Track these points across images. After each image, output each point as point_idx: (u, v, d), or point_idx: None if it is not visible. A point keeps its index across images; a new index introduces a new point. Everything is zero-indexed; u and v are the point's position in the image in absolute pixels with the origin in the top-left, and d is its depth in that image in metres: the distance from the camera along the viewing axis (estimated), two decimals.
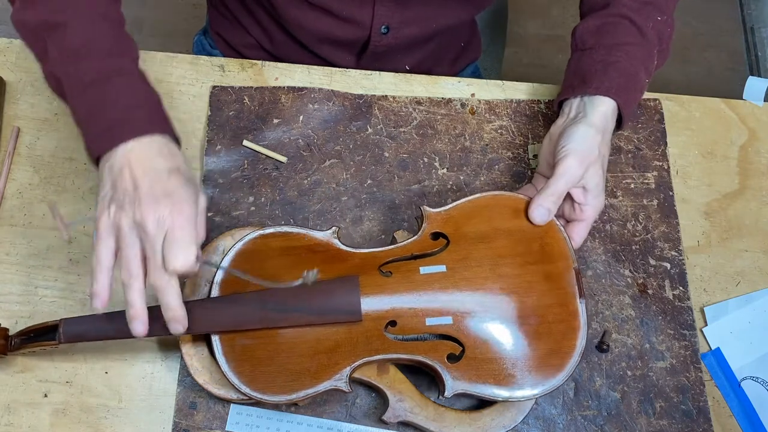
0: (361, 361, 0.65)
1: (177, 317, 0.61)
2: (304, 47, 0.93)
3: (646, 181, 0.84)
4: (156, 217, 0.59)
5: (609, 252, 0.80)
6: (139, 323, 0.61)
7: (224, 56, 1.05)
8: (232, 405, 0.71)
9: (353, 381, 0.68)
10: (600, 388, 0.75)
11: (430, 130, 0.85)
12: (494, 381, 0.65)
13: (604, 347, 0.75)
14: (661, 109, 0.89)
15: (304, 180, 0.81)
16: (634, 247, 0.81)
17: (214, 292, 0.67)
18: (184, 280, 0.70)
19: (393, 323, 0.66)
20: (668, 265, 0.80)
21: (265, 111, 0.84)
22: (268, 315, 0.65)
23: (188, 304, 0.62)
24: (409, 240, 0.70)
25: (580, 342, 0.66)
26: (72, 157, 0.81)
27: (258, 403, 0.71)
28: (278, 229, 0.70)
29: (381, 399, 0.72)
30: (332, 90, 0.86)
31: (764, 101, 0.91)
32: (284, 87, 0.85)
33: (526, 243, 0.69)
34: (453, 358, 0.66)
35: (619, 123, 0.75)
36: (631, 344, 0.77)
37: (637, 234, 0.81)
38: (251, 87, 0.85)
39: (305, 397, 0.64)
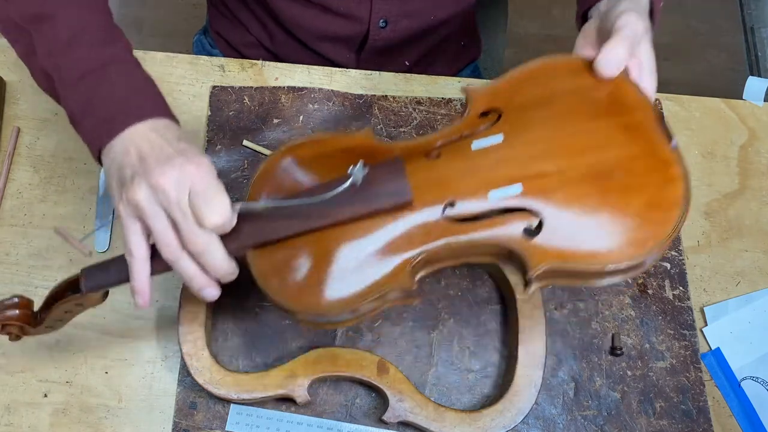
0: (419, 251, 0.57)
1: (228, 273, 0.56)
2: (304, 45, 0.93)
3: None
4: (173, 177, 0.54)
5: None
6: (213, 290, 0.57)
7: (224, 56, 1.05)
8: (232, 405, 0.71)
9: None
10: (600, 388, 0.75)
11: (430, 130, 0.85)
12: (586, 250, 0.54)
13: (618, 351, 0.75)
14: (661, 108, 0.89)
15: None
16: None
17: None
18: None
19: (451, 204, 0.58)
20: (668, 265, 0.80)
21: (265, 111, 0.84)
22: (310, 218, 0.58)
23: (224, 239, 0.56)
24: (456, 122, 0.62)
25: (685, 191, 0.55)
26: (72, 157, 0.81)
27: (258, 403, 0.71)
28: (303, 138, 0.63)
29: (381, 399, 0.72)
30: (332, 90, 0.86)
31: (764, 101, 0.91)
32: (284, 87, 0.85)
33: (593, 99, 0.60)
34: (530, 233, 0.56)
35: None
36: (631, 344, 0.77)
37: None
38: (251, 87, 0.85)
39: (366, 300, 0.57)
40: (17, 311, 0.60)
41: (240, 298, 0.75)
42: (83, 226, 0.78)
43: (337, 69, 0.88)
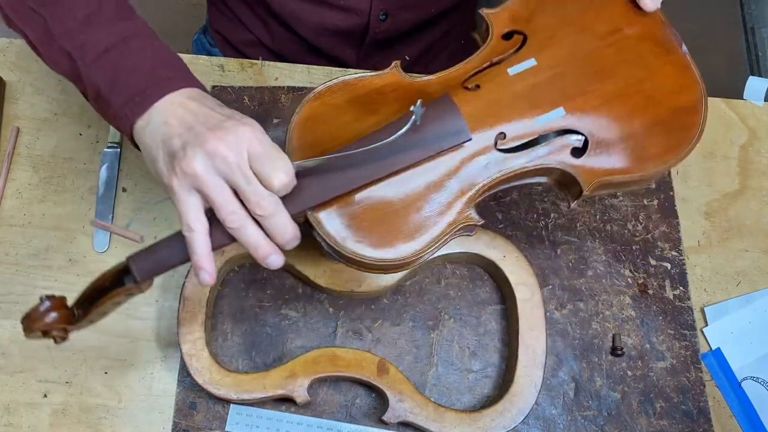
0: (480, 187, 0.58)
1: (294, 237, 0.55)
2: (304, 41, 0.93)
3: None
4: (230, 142, 0.51)
5: (609, 252, 0.80)
6: (278, 258, 0.54)
7: (224, 55, 1.05)
8: (231, 405, 0.71)
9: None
10: (600, 389, 0.75)
11: None
12: (630, 162, 0.59)
13: (619, 352, 0.75)
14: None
15: None
16: (634, 247, 0.81)
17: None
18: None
19: (502, 135, 0.59)
20: (668, 265, 0.80)
21: (265, 111, 0.84)
22: (371, 168, 0.57)
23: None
24: (481, 49, 0.63)
25: (703, 92, 0.61)
26: (72, 157, 0.81)
27: (258, 404, 0.71)
28: (330, 83, 0.61)
29: (381, 399, 0.72)
30: None
31: (764, 101, 0.91)
32: (284, 87, 0.85)
33: (610, 14, 0.63)
34: (577, 152, 0.60)
35: None
36: (631, 344, 0.76)
37: (638, 234, 0.81)
38: (251, 87, 0.85)
39: (437, 242, 0.57)
40: (55, 313, 0.56)
41: (240, 298, 0.75)
42: (83, 226, 0.78)
43: (337, 69, 0.88)
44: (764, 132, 0.89)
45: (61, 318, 0.57)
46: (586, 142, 0.60)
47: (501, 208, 0.81)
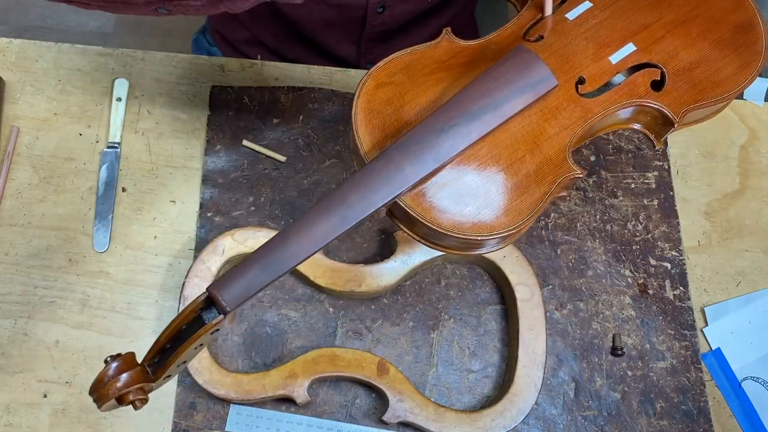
0: (572, 137, 0.57)
1: None
2: (304, 38, 0.93)
3: (647, 180, 0.84)
4: None
5: (609, 252, 0.80)
6: None
7: (223, 54, 1.05)
8: (231, 405, 0.71)
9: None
10: (600, 389, 0.75)
11: None
12: (711, 84, 0.60)
13: (619, 352, 0.75)
14: None
15: (303, 180, 0.81)
16: (634, 247, 0.81)
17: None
18: None
19: (581, 81, 0.59)
20: (669, 265, 0.80)
21: (265, 111, 0.84)
22: (455, 135, 0.54)
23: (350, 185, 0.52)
24: (530, 3, 0.63)
25: (756, 6, 0.63)
26: (71, 157, 0.81)
27: (257, 404, 0.71)
28: (382, 63, 0.58)
29: (381, 399, 0.72)
30: (332, 90, 0.86)
31: (764, 101, 0.91)
32: (284, 87, 0.85)
33: None
34: (657, 85, 0.60)
35: None
36: (631, 344, 0.76)
37: (638, 234, 0.81)
38: (251, 87, 0.85)
39: (543, 199, 0.55)
40: (128, 374, 0.49)
41: None
42: (83, 226, 0.78)
43: (337, 69, 0.88)
44: (764, 132, 0.89)
45: (135, 378, 0.49)
46: (663, 74, 0.60)
47: None
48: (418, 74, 0.58)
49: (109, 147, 0.81)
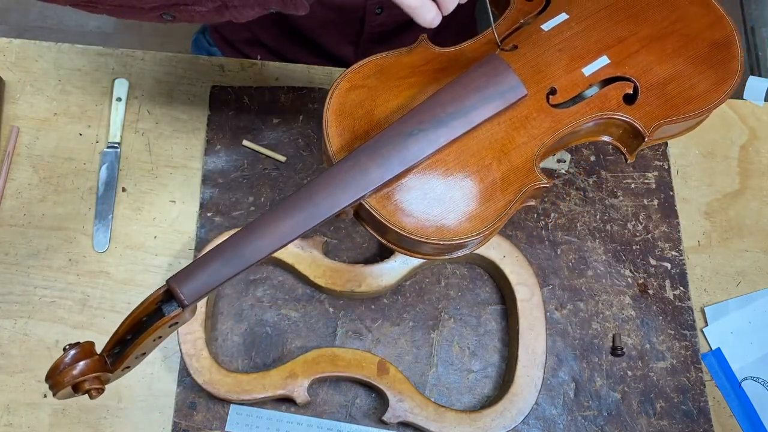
0: (542, 146, 0.57)
1: None
2: (303, 38, 0.93)
3: (647, 180, 0.84)
4: None
5: (609, 252, 0.80)
6: (438, 17, 0.55)
7: (223, 54, 1.05)
8: (231, 405, 0.71)
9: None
10: (600, 389, 0.75)
11: None
12: (686, 98, 0.59)
13: (619, 352, 0.75)
14: None
15: (303, 180, 0.81)
16: (634, 247, 0.81)
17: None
18: None
19: (552, 91, 0.59)
20: (669, 265, 0.80)
21: (265, 111, 0.84)
22: (421, 141, 0.54)
23: (315, 187, 0.52)
24: (508, 11, 0.64)
25: (732, 24, 0.63)
26: (71, 157, 0.81)
27: (257, 404, 0.71)
28: (358, 65, 0.59)
29: (381, 399, 0.72)
30: None
31: (764, 101, 0.91)
32: (284, 87, 0.85)
33: None
34: (630, 99, 0.60)
35: None
36: (631, 344, 0.76)
37: (638, 234, 0.81)
38: (251, 87, 0.85)
39: (507, 209, 0.55)
40: (85, 362, 0.49)
41: (240, 298, 0.75)
42: (83, 226, 0.78)
43: (337, 69, 0.88)
44: (764, 132, 0.89)
45: (92, 366, 0.49)
46: (636, 88, 0.60)
47: None
48: (391, 78, 0.59)
49: (109, 147, 0.81)
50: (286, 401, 0.72)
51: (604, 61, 0.60)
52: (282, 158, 0.82)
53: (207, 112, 0.84)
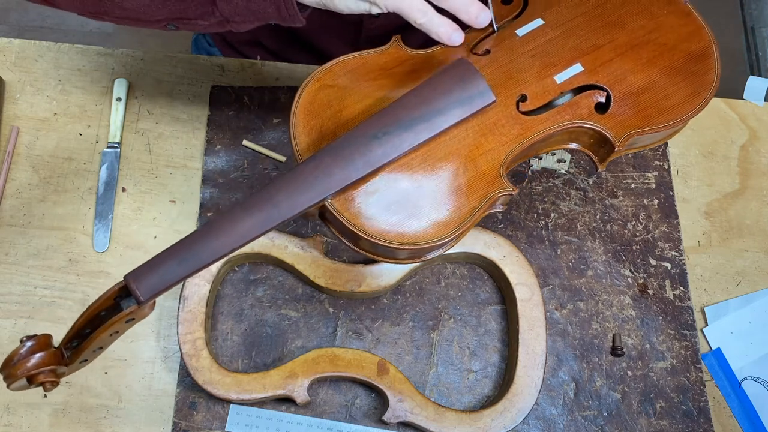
0: (508, 154, 0.56)
1: (479, 9, 0.56)
2: (302, 40, 0.93)
3: (647, 180, 0.84)
4: None
5: (609, 252, 0.80)
6: (460, 35, 0.56)
7: (223, 54, 1.05)
8: (231, 405, 0.71)
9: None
10: (600, 389, 0.75)
11: None
12: (659, 109, 0.59)
13: (619, 352, 0.75)
14: None
15: None
16: (634, 247, 0.81)
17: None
18: None
19: (523, 98, 0.58)
20: (669, 265, 0.80)
21: (265, 111, 0.84)
22: (386, 144, 0.54)
23: (278, 184, 0.52)
24: None
25: (711, 35, 0.62)
26: (71, 157, 0.81)
27: (257, 404, 0.71)
28: (328, 65, 0.59)
29: (381, 399, 0.72)
30: None
31: (765, 101, 0.91)
32: (284, 87, 0.85)
33: None
34: (602, 108, 0.59)
35: None
36: (631, 344, 0.76)
37: (638, 234, 0.81)
38: (251, 87, 0.85)
39: (470, 222, 0.55)
40: (40, 355, 0.49)
41: (240, 298, 0.75)
42: (83, 226, 0.78)
43: None
44: (764, 132, 0.89)
45: (48, 359, 0.49)
46: (608, 97, 0.59)
47: None
48: (361, 79, 0.59)
49: (109, 147, 0.81)
50: (286, 401, 0.72)
51: (577, 68, 0.59)
52: (282, 158, 0.82)
53: (207, 112, 0.84)
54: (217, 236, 0.50)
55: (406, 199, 0.54)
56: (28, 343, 0.49)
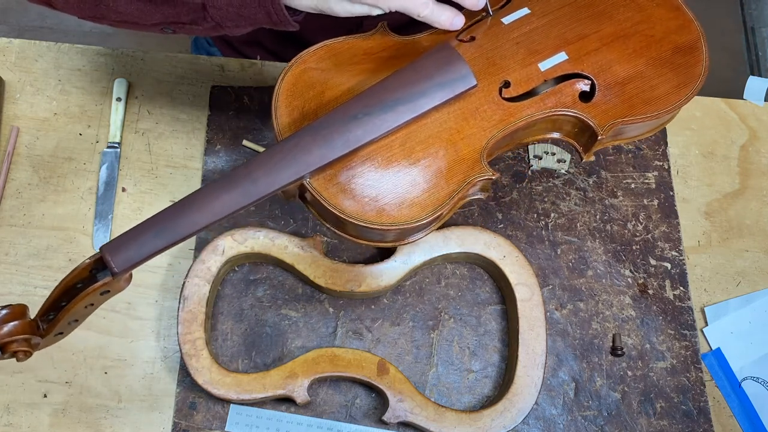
0: (491, 138, 0.56)
1: None
2: (302, 40, 0.93)
3: (647, 180, 0.84)
4: None
5: (609, 252, 0.80)
6: (460, 19, 0.57)
7: (223, 54, 1.05)
8: (231, 405, 0.71)
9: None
10: (600, 389, 0.75)
11: None
12: (645, 100, 0.59)
13: (619, 352, 0.75)
14: None
15: None
16: (634, 247, 0.81)
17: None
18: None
19: (506, 84, 0.58)
20: (669, 265, 0.80)
21: (265, 111, 0.84)
22: (367, 124, 0.54)
23: (255, 164, 0.52)
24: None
25: (700, 30, 0.62)
26: (71, 157, 0.81)
27: (257, 404, 0.71)
28: (313, 48, 0.59)
29: (381, 399, 0.72)
30: None
31: (765, 101, 0.91)
32: None
33: None
34: (586, 96, 0.59)
35: None
36: (631, 344, 0.76)
37: (638, 234, 0.81)
38: (251, 87, 0.85)
39: (449, 206, 0.55)
40: (15, 323, 0.48)
41: (240, 298, 0.75)
42: (83, 226, 0.78)
43: None
44: (764, 132, 0.89)
45: (21, 328, 0.48)
46: (593, 86, 0.59)
47: (501, 208, 0.81)
48: (345, 63, 0.59)
49: (109, 147, 0.81)
50: (286, 401, 0.72)
51: (561, 57, 0.60)
52: None
53: (207, 112, 0.84)
54: (194, 210, 0.51)
55: (385, 180, 0.55)
56: (3, 311, 0.49)
